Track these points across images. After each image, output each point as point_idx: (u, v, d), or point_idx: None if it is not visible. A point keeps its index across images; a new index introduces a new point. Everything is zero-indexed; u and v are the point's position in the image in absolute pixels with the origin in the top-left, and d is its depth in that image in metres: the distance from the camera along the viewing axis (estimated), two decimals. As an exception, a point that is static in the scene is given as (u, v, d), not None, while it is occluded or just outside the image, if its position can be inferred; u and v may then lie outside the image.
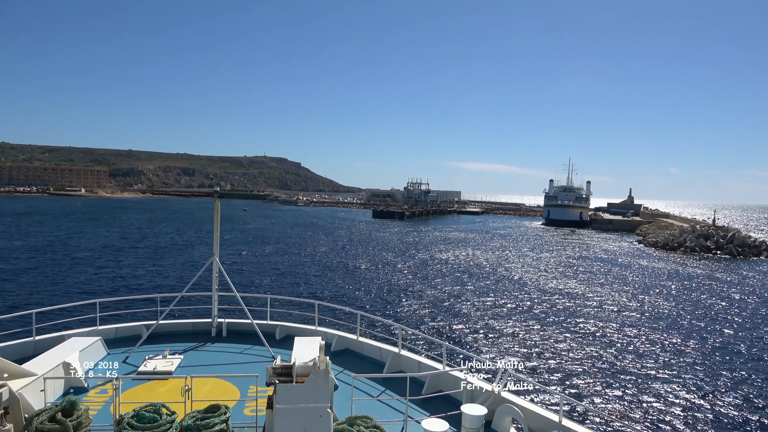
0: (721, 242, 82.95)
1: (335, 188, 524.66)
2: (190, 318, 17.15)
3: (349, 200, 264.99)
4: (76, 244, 70.03)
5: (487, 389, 10.65)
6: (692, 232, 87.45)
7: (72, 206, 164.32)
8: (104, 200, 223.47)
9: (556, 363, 27.87)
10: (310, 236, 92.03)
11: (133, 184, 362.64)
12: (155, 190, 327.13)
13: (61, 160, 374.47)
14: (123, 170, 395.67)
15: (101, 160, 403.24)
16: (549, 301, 43.52)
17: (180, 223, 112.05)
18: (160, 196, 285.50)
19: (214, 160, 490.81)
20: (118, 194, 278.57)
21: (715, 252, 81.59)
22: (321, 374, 8.08)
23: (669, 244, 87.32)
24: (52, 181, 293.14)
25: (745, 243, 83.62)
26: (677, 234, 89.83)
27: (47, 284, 43.34)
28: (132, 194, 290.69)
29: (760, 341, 33.66)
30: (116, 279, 46.61)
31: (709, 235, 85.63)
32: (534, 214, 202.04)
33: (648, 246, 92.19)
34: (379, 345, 14.30)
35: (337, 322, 17.76)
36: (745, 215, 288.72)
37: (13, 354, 12.40)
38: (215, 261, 15.01)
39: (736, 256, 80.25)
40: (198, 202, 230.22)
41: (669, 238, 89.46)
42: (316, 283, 48.01)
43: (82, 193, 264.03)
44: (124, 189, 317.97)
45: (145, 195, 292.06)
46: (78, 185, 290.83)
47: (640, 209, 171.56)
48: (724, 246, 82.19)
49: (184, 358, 13.41)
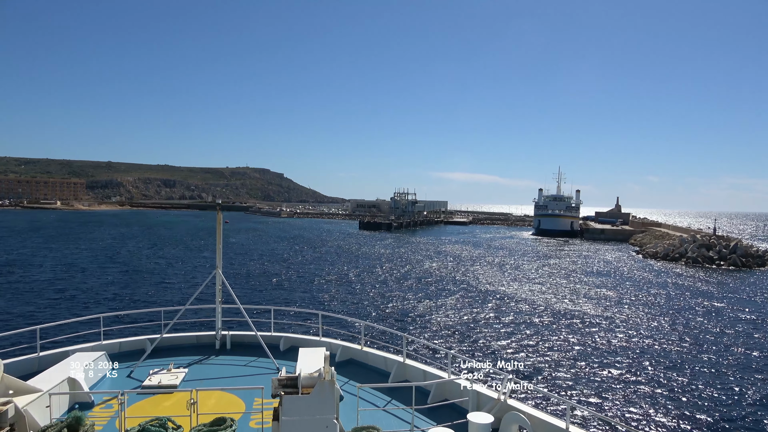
0: (724, 252, 79.68)
1: (319, 199, 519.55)
2: (193, 331, 16.99)
3: (333, 211, 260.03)
4: (39, 263, 64.14)
5: (493, 397, 10.63)
6: (693, 242, 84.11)
7: (44, 220, 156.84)
8: (78, 213, 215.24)
9: (562, 370, 27.58)
10: (298, 250, 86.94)
11: (112, 197, 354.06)
12: (134, 203, 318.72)
13: (37, 172, 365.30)
14: (101, 182, 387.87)
15: (79, 173, 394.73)
16: (553, 310, 43.12)
17: (156, 238, 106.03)
18: (139, 209, 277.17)
19: (196, 172, 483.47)
20: (95, 207, 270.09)
21: (718, 263, 78.17)
22: (326, 385, 8.13)
23: (670, 255, 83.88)
24: (26, 193, 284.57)
25: (748, 253, 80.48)
26: (677, 244, 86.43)
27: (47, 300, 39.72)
28: (110, 207, 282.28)
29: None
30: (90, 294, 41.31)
31: (711, 245, 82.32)
32: (522, 224, 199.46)
33: (647, 257, 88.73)
34: (384, 354, 14.19)
35: (341, 333, 18.24)
36: (729, 222, 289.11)
37: (18, 370, 12.29)
38: (218, 273, 14.80)
39: (741, 266, 77.01)
40: (177, 215, 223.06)
41: (669, 248, 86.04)
42: (317, 295, 47.24)
43: (57, 206, 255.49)
44: (102, 201, 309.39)
45: (123, 207, 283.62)
46: (53, 198, 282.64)
47: (629, 218, 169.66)
48: (727, 256, 78.93)
49: (188, 372, 13.22)
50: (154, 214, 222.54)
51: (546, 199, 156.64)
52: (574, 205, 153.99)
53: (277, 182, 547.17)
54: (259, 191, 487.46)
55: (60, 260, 66.42)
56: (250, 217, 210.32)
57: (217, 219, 15.17)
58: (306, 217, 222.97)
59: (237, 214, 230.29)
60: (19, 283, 49.29)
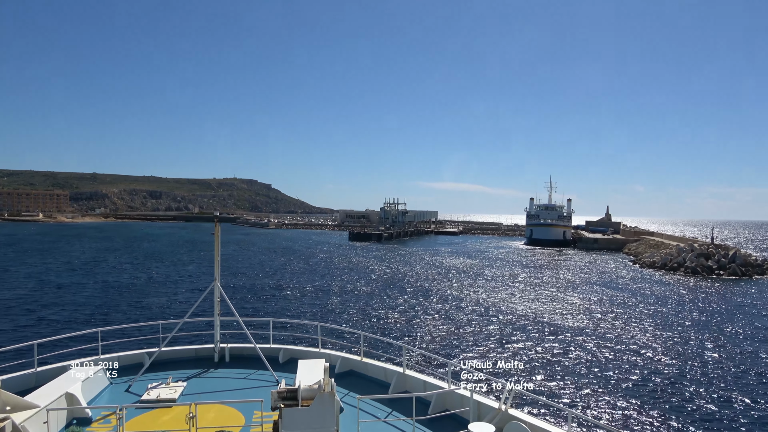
0: (723, 262, 78.07)
1: (307, 209, 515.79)
2: (192, 344, 16.70)
3: (322, 222, 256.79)
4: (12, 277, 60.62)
5: (494, 407, 10.51)
6: (691, 252, 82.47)
7: (23, 233, 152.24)
8: (61, 226, 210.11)
9: (564, 379, 27.20)
10: (289, 262, 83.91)
11: (96, 208, 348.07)
12: (118, 214, 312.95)
13: (20, 184, 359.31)
14: (86, 194, 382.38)
15: (64, 184, 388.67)
16: (554, 320, 42.63)
17: (138, 251, 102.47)
18: (123, 221, 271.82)
19: (182, 183, 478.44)
20: (79, 219, 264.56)
21: (718, 272, 76.49)
22: (326, 397, 8.14)
23: (668, 265, 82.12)
24: (7, 205, 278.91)
25: (748, 262, 78.99)
26: (675, 253, 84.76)
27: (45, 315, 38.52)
28: (93, 219, 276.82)
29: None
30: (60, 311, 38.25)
31: (710, 254, 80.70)
32: (513, 234, 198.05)
33: (645, 267, 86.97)
34: (384, 365, 14.00)
35: (340, 344, 18.11)
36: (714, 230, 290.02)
37: (15, 386, 12.23)
38: (216, 286, 14.48)
39: (741, 275, 75.42)
40: (162, 227, 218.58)
41: (667, 258, 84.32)
42: (313, 307, 46.69)
43: (39, 218, 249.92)
44: (86, 213, 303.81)
45: (108, 219, 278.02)
46: (36, 210, 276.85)
47: (620, 227, 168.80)
48: (727, 266, 77.33)
49: (187, 385, 13.01)
50: (138, 226, 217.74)
51: (538, 209, 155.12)
52: (566, 214, 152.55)
53: (265, 193, 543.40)
54: (246, 202, 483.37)
55: (34, 276, 62.97)
56: (237, 229, 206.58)
57: (215, 231, 14.74)
58: (295, 228, 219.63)
59: (225, 225, 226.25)
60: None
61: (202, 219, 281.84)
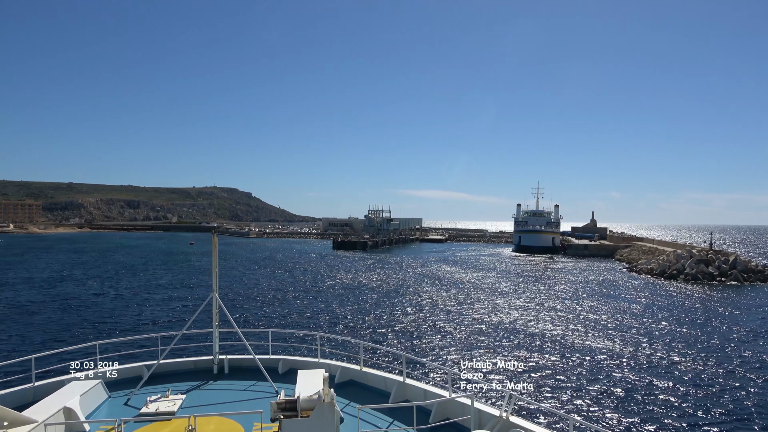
0: (724, 268, 75.39)
1: (288, 218, 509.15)
2: (190, 356, 16.49)
3: (305, 230, 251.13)
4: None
5: (495, 415, 10.44)
6: (690, 258, 79.71)
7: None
8: (31, 237, 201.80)
9: (565, 387, 26.89)
10: (272, 272, 79.06)
11: (71, 219, 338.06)
12: (94, 225, 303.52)
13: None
14: (61, 204, 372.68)
15: (38, 194, 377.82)
16: (555, 328, 41.78)
17: (110, 264, 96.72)
18: (99, 231, 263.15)
19: (161, 192, 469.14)
20: (52, 230, 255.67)
21: (720, 279, 73.72)
22: (326, 407, 8.08)
23: (666, 272, 79.20)
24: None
25: (749, 268, 76.45)
26: (673, 260, 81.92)
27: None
28: (67, 229, 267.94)
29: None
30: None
31: (709, 260, 77.98)
32: (500, 240, 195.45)
33: (641, 273, 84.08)
34: (384, 374, 13.81)
35: (339, 354, 18.62)
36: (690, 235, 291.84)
37: (13, 401, 12.01)
38: (215, 297, 14.12)
39: (742, 282, 72.76)
40: (139, 237, 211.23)
41: (665, 264, 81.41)
42: (310, 317, 45.94)
43: (10, 229, 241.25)
44: (60, 224, 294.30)
45: (82, 230, 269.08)
46: (6, 221, 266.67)
47: (606, 233, 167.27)
48: (728, 272, 74.67)
49: (186, 398, 12.70)
50: (112, 237, 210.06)
51: (525, 215, 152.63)
52: (554, 220, 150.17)
53: (246, 201, 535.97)
54: (227, 211, 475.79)
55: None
56: (217, 238, 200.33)
57: (213, 242, 14.81)
58: (276, 237, 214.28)
59: (204, 235, 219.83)
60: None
61: (180, 228, 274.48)
